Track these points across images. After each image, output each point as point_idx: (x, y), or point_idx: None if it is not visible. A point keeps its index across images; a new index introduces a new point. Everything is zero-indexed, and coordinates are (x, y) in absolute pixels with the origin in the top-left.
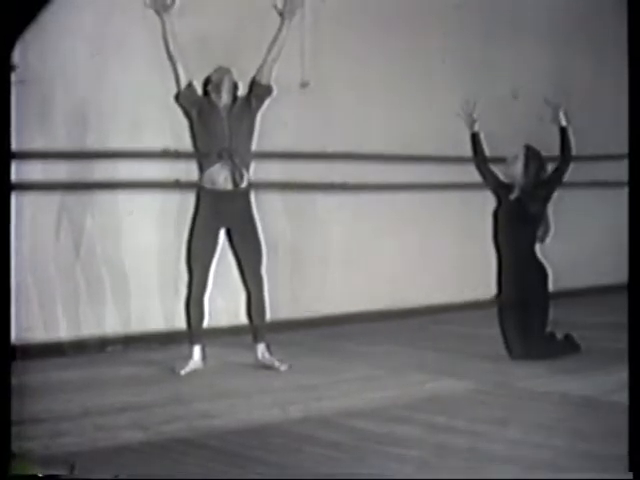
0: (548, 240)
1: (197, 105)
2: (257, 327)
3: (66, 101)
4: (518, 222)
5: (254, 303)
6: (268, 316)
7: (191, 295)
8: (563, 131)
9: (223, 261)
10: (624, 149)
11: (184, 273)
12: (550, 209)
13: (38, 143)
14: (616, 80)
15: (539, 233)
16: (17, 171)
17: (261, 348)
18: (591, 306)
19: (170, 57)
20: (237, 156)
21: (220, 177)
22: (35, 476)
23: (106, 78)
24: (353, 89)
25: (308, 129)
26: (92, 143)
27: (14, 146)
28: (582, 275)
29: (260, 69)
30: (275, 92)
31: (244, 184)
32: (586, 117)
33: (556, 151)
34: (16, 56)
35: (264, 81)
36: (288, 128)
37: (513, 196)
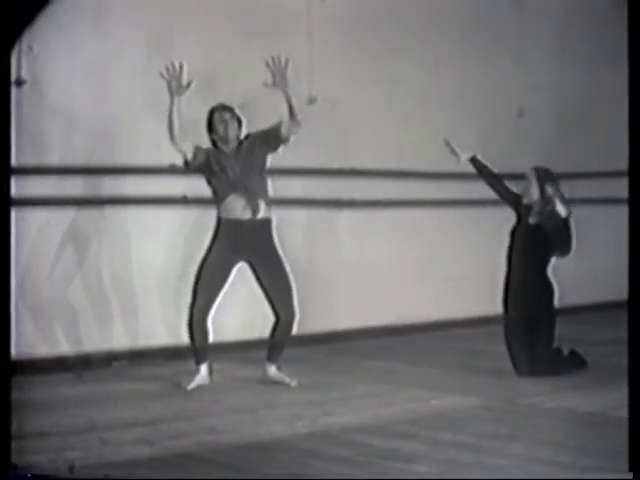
0: (571, 254)
1: (207, 163)
2: (277, 348)
3: (74, 117)
4: (536, 247)
5: (280, 329)
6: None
7: (193, 317)
8: (565, 222)
9: (232, 277)
10: None
11: (189, 288)
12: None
13: (45, 159)
14: (625, 95)
15: (562, 249)
16: (23, 187)
17: (272, 367)
18: (597, 322)
19: (172, 137)
20: (250, 186)
21: (237, 206)
22: (35, 476)
23: (114, 93)
24: (361, 105)
25: (315, 145)
26: (99, 159)
27: (21, 162)
28: (589, 291)
29: (288, 127)
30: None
31: (262, 213)
32: (593, 132)
33: (567, 167)
34: (24, 71)
35: (284, 135)
36: (295, 145)
37: (532, 220)
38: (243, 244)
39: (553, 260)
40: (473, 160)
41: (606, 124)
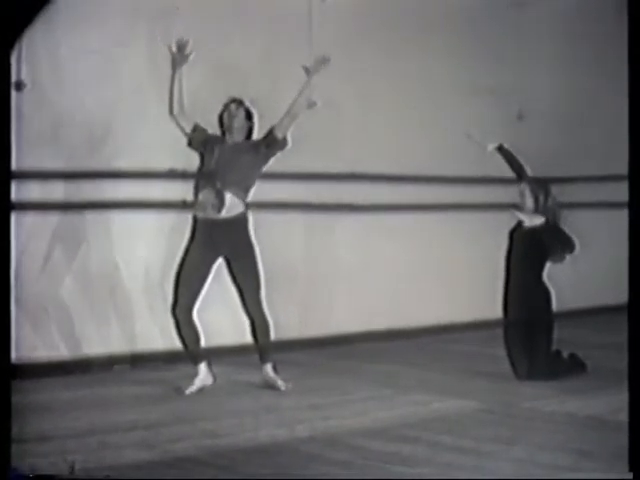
0: (576, 254)
1: (205, 142)
2: (263, 349)
3: (71, 120)
4: (533, 251)
5: (258, 328)
6: (276, 335)
7: (179, 320)
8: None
9: (228, 280)
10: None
11: None
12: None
13: (41, 162)
14: (625, 98)
15: (564, 253)
16: (18, 190)
17: (267, 368)
18: (597, 326)
19: (170, 109)
20: (225, 183)
21: (208, 203)
22: (35, 476)
23: (112, 97)
24: (360, 109)
25: (315, 149)
26: (98, 163)
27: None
28: (588, 295)
29: (280, 123)
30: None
31: (228, 211)
32: (593, 136)
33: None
34: (24, 74)
35: (280, 135)
36: (294, 148)
37: (528, 225)
38: (216, 241)
39: (548, 264)
40: (500, 149)
41: (606, 127)
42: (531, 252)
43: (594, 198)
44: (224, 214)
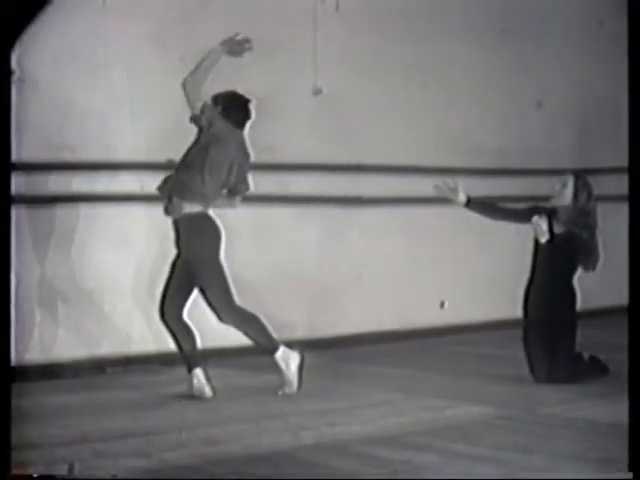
0: (598, 266)
1: None
2: (264, 344)
3: (66, 111)
4: (563, 257)
5: (251, 330)
6: (281, 336)
7: (171, 326)
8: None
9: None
10: None
11: None
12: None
13: (34, 156)
14: None
15: (588, 263)
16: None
17: (278, 355)
18: (619, 326)
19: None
20: (170, 184)
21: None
22: (35, 476)
23: (108, 89)
24: (367, 97)
25: (320, 139)
26: (94, 155)
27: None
28: (610, 293)
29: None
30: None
31: (172, 212)
32: (614, 127)
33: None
34: (21, 69)
35: (195, 111)
36: (299, 138)
37: (559, 229)
38: (184, 246)
39: (579, 270)
40: (468, 203)
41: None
42: (561, 258)
43: (621, 190)
44: (173, 216)
